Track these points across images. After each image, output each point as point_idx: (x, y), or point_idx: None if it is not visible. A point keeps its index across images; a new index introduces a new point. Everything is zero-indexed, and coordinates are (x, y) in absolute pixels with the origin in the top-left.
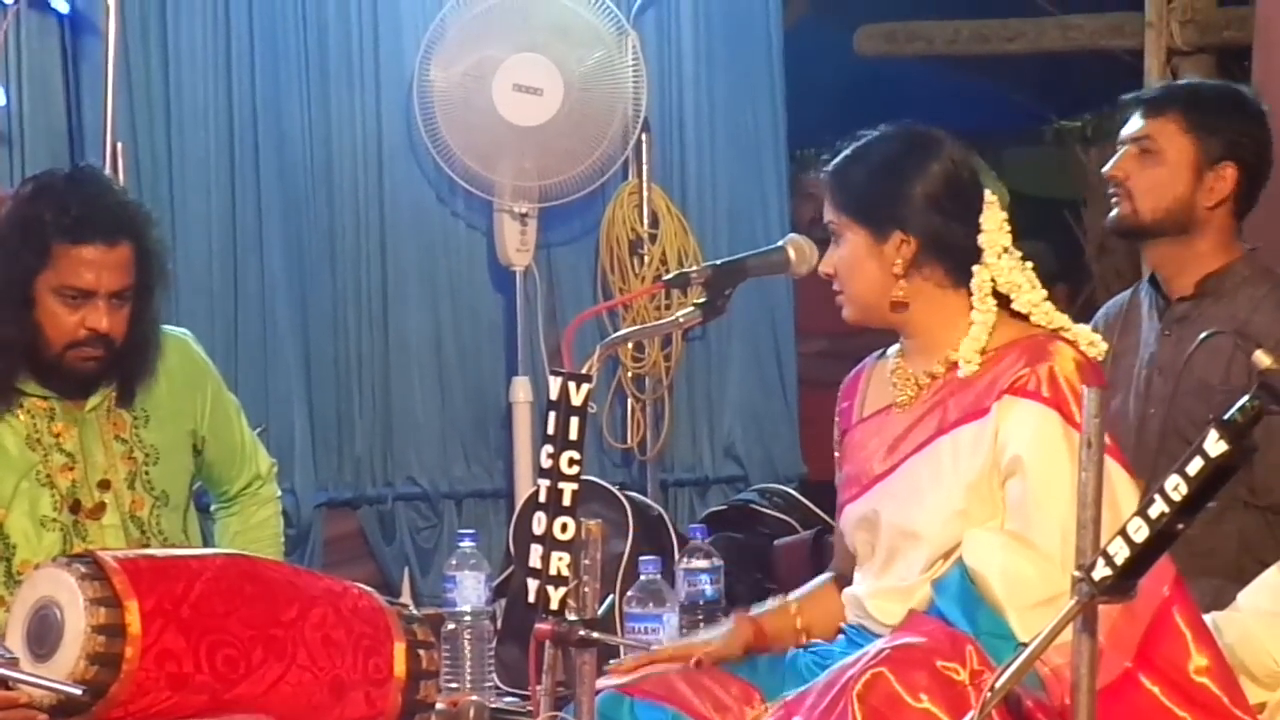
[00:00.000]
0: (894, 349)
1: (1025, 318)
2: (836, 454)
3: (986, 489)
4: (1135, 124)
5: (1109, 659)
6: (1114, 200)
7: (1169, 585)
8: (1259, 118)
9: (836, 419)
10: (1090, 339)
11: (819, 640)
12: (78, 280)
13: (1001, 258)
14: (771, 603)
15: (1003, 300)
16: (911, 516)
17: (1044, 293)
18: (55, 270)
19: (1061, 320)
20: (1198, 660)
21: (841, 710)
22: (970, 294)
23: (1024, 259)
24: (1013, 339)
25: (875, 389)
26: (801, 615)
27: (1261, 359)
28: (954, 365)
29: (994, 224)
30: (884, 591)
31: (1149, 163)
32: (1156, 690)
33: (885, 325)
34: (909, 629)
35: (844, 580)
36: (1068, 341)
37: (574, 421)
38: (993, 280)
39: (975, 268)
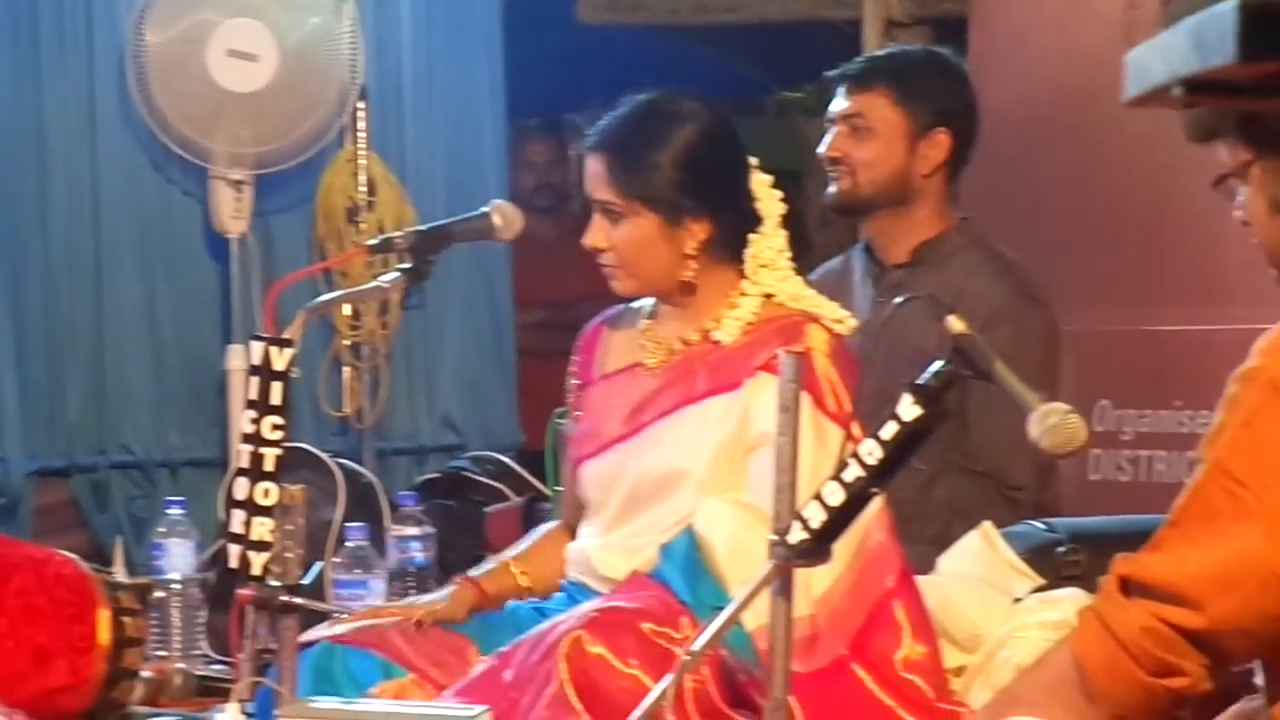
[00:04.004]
0: (644, 305)
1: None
2: (571, 404)
3: (728, 461)
4: (842, 101)
5: (826, 644)
6: (833, 177)
7: (894, 577)
8: (963, 79)
9: (572, 369)
10: (837, 315)
11: (553, 588)
12: None
13: (776, 228)
14: (490, 563)
15: None
16: (651, 476)
17: (791, 269)
18: None
19: (810, 298)
20: (910, 653)
21: (548, 669)
22: (741, 264)
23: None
24: (770, 316)
25: (620, 345)
26: (525, 574)
27: (954, 324)
28: (708, 334)
29: (764, 192)
30: (612, 547)
31: (862, 138)
32: (866, 678)
33: (659, 297)
34: (625, 591)
35: (571, 531)
36: (818, 322)
37: (276, 386)
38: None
39: (751, 237)
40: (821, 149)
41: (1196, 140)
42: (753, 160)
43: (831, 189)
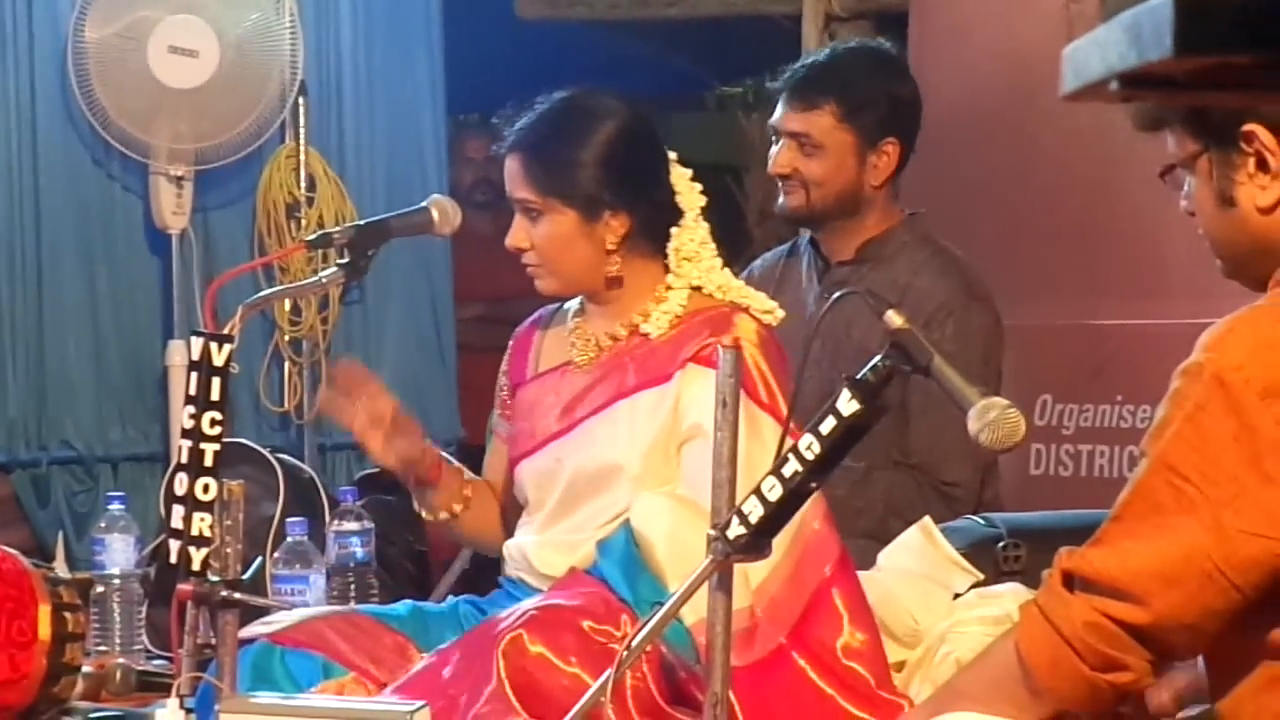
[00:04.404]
0: (572, 305)
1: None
2: (500, 404)
3: (662, 454)
4: (789, 117)
5: (765, 634)
6: (784, 191)
7: (831, 565)
8: (905, 76)
9: (505, 370)
10: (766, 306)
11: (476, 531)
12: None
13: (698, 220)
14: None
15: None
16: (586, 472)
17: (718, 261)
18: None
19: (737, 289)
20: (849, 640)
21: (487, 668)
22: (665, 258)
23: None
24: (697, 308)
25: (551, 345)
26: (470, 486)
27: (893, 319)
28: (636, 328)
29: (684, 185)
30: (550, 543)
31: (811, 155)
32: (807, 667)
33: (584, 295)
34: (564, 588)
35: (498, 498)
36: (747, 312)
37: (215, 382)
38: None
39: (673, 230)
40: (770, 165)
41: (1144, 130)
42: (672, 154)
43: (782, 201)
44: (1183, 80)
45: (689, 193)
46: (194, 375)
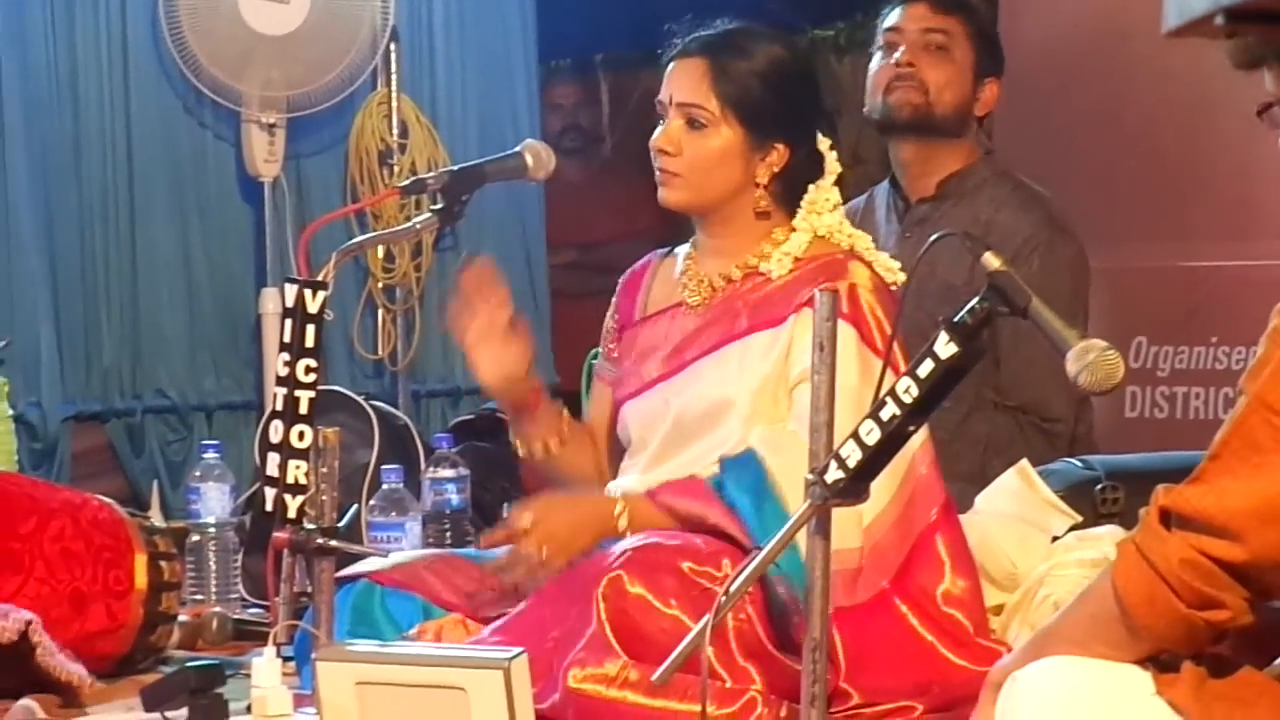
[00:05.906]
0: (684, 248)
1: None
2: (610, 347)
3: (770, 397)
4: (926, 15)
5: (869, 577)
6: (897, 87)
7: (937, 510)
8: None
9: (614, 312)
10: (888, 265)
11: (573, 473)
12: None
13: (834, 187)
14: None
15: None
16: (694, 412)
17: (841, 214)
18: None
19: (862, 240)
20: (951, 587)
21: (586, 608)
22: (793, 212)
23: None
24: (815, 253)
25: (661, 286)
26: (569, 424)
27: (991, 260)
28: (751, 271)
29: (825, 148)
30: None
31: (941, 58)
32: (908, 613)
33: (702, 217)
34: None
35: (600, 443)
36: (865, 263)
37: (310, 329)
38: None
39: (810, 186)
40: (890, 61)
41: (1242, 68)
42: None
43: (899, 96)
44: None
45: (829, 158)
46: (288, 322)
